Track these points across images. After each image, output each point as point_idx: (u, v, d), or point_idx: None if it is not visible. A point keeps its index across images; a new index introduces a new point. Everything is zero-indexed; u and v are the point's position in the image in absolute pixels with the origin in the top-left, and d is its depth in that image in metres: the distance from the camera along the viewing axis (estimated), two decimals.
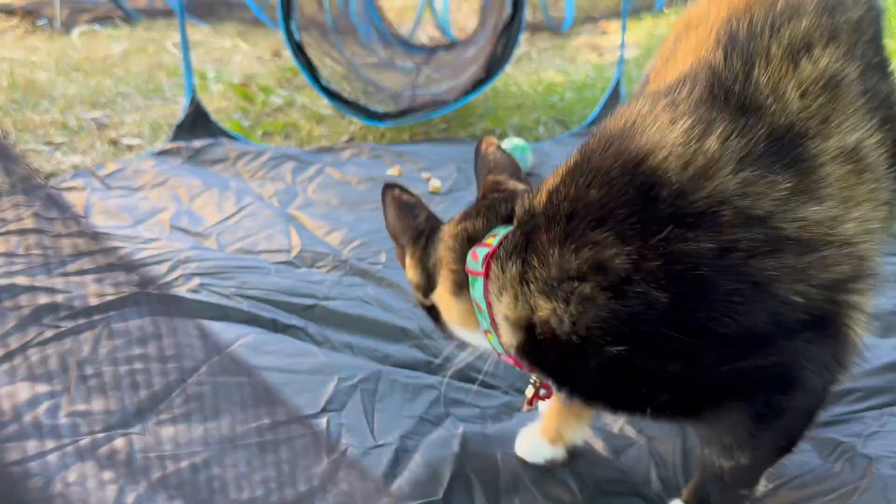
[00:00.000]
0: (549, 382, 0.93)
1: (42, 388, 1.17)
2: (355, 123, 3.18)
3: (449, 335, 1.08)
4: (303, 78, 3.17)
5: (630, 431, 1.23)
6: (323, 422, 1.21)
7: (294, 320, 1.52)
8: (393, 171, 2.55)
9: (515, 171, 1.09)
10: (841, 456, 1.15)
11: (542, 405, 1.16)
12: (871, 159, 0.80)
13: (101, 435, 1.07)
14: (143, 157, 2.66)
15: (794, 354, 0.79)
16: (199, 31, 5.73)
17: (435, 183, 2.44)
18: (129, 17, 6.29)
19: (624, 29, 3.40)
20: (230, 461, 0.96)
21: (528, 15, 4.06)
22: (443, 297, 1.01)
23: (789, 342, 0.78)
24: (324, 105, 3.46)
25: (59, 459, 0.95)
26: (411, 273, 1.07)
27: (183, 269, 1.68)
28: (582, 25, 5.97)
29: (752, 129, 0.77)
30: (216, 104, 3.52)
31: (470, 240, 0.96)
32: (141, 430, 1.09)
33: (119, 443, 1.04)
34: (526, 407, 1.11)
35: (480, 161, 1.13)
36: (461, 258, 0.95)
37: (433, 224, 1.06)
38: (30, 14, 6.24)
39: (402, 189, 1.07)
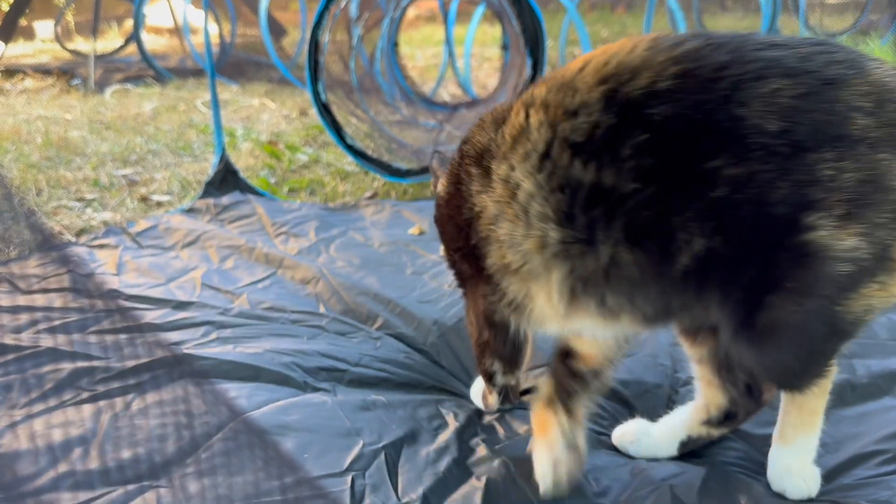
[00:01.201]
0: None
1: (74, 438, 1.20)
2: (379, 180, 3.24)
3: None
4: (328, 135, 3.25)
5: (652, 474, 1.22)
6: (347, 480, 1.21)
7: (323, 384, 1.53)
8: (414, 231, 2.59)
9: None
10: None
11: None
12: (525, 188, 1.03)
13: (132, 486, 1.09)
14: (172, 214, 2.73)
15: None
16: (228, 91, 5.90)
17: None
18: (160, 77, 6.50)
19: None
20: None
21: (546, 74, 4.13)
22: None
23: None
24: (348, 162, 3.53)
25: None
26: (441, 188, 1.37)
27: (215, 331, 1.71)
28: None
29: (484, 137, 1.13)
30: (244, 161, 3.61)
31: None
32: (168, 483, 1.11)
33: (149, 496, 1.06)
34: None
35: None
36: None
37: None
38: (65, 74, 6.47)
39: (442, 154, 1.46)
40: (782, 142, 0.90)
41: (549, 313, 1.11)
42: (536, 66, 3.03)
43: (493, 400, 1.43)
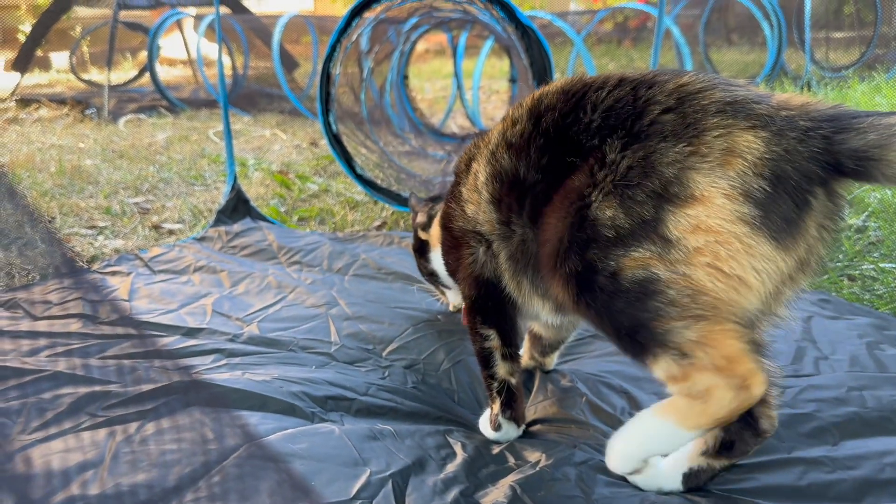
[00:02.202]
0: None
1: (86, 461, 1.21)
2: (387, 209, 3.27)
3: (426, 269, 1.81)
4: (337, 165, 3.29)
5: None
6: None
7: (332, 415, 1.52)
8: None
9: None
10: None
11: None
12: (480, 178, 1.33)
13: None
14: (185, 242, 2.76)
15: None
16: (240, 121, 5.97)
17: None
18: (173, 107, 6.58)
19: None
20: None
21: None
22: (434, 227, 1.70)
23: None
24: (357, 192, 3.57)
25: None
26: (420, 217, 1.80)
27: (224, 359, 1.72)
28: None
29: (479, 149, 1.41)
30: (255, 191, 3.64)
31: None
32: None
33: None
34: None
35: None
36: None
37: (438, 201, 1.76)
38: (79, 104, 6.56)
39: (416, 195, 1.91)
40: (600, 135, 1.11)
41: (512, 289, 1.36)
42: None
43: (497, 407, 1.44)
